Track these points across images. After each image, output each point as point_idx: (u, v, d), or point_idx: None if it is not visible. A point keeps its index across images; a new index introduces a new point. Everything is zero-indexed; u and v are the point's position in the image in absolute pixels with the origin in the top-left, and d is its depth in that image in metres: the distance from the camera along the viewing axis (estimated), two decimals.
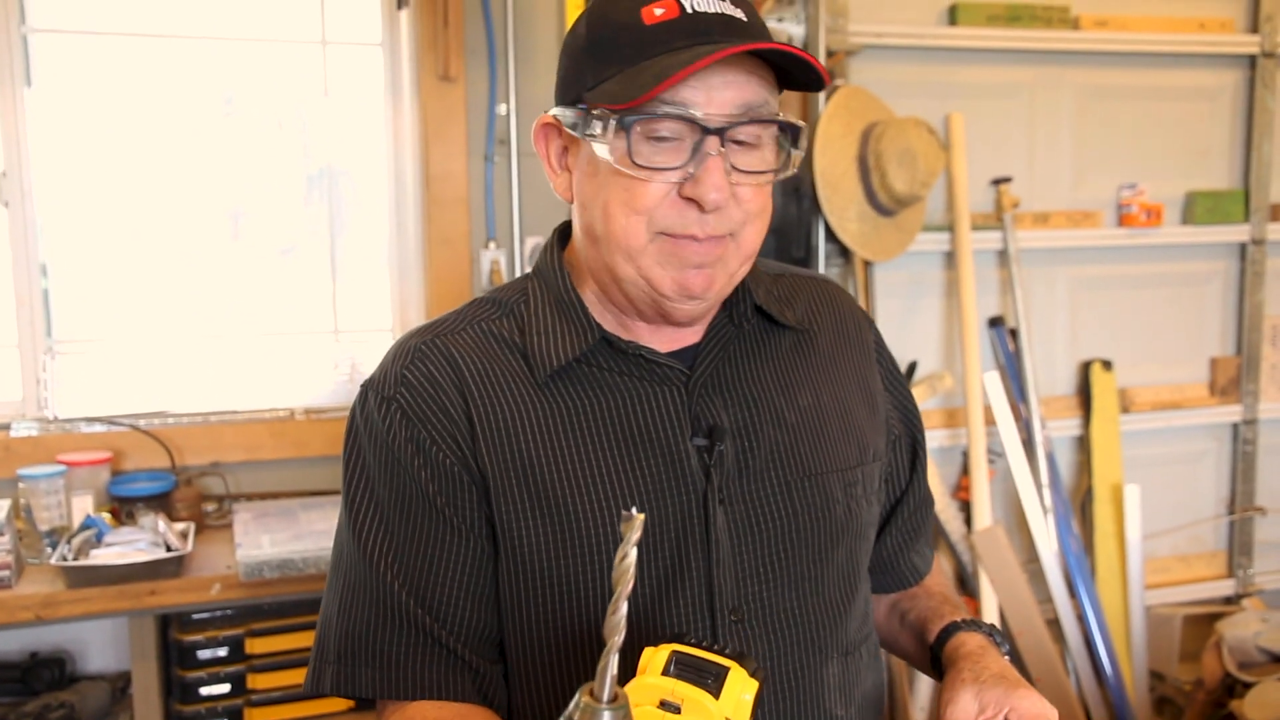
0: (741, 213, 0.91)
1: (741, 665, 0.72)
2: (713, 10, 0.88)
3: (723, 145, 0.87)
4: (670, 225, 0.89)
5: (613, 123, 0.88)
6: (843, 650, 0.99)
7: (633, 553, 0.62)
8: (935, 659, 1.03)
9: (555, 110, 0.94)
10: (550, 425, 0.94)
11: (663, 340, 0.98)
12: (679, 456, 0.94)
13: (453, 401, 0.94)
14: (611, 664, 0.62)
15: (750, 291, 1.01)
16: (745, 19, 0.89)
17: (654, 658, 0.71)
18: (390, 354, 0.99)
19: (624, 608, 0.62)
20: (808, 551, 0.97)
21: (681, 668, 0.70)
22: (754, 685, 0.71)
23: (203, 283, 2.47)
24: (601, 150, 0.89)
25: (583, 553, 0.92)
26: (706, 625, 0.93)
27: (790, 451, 0.98)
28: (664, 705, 0.68)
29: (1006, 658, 0.99)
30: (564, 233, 1.04)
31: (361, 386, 0.99)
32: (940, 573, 1.21)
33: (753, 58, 0.88)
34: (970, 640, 1.00)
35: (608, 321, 0.98)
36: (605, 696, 0.61)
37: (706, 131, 0.87)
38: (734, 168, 0.89)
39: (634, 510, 0.63)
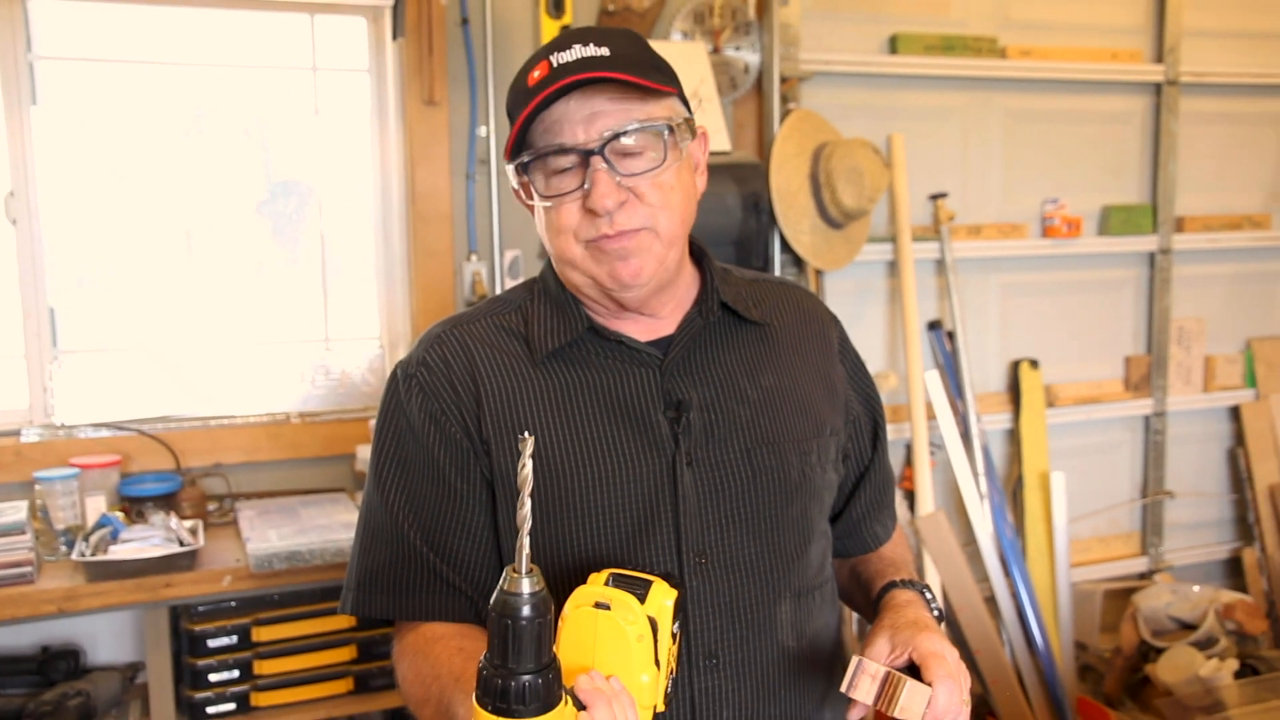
0: (647, 208, 1.07)
1: (665, 580, 0.92)
2: (574, 59, 1.05)
3: (605, 161, 1.05)
4: (588, 235, 1.08)
5: (514, 169, 1.10)
6: (795, 592, 1.15)
7: (529, 464, 0.80)
8: (875, 612, 1.21)
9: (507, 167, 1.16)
10: (544, 397, 1.12)
11: (642, 331, 1.16)
12: (652, 425, 1.11)
13: (462, 380, 1.12)
14: (525, 544, 0.79)
15: (718, 291, 1.19)
16: (608, 54, 1.04)
17: (598, 578, 0.92)
18: (418, 340, 1.18)
19: (529, 503, 0.79)
20: (765, 507, 1.12)
21: (618, 581, 0.91)
22: (673, 593, 0.91)
23: (201, 294, 2.57)
24: (521, 192, 1.12)
25: (569, 503, 1.09)
26: (674, 565, 1.09)
27: (752, 423, 1.14)
28: (598, 605, 0.88)
29: (936, 612, 1.13)
30: None
31: (394, 366, 1.18)
32: (902, 544, 1.38)
33: (615, 83, 1.04)
34: (900, 595, 1.14)
35: (598, 315, 1.17)
36: (523, 569, 0.79)
37: (587, 154, 1.05)
38: (623, 174, 1.06)
39: (526, 434, 0.82)
